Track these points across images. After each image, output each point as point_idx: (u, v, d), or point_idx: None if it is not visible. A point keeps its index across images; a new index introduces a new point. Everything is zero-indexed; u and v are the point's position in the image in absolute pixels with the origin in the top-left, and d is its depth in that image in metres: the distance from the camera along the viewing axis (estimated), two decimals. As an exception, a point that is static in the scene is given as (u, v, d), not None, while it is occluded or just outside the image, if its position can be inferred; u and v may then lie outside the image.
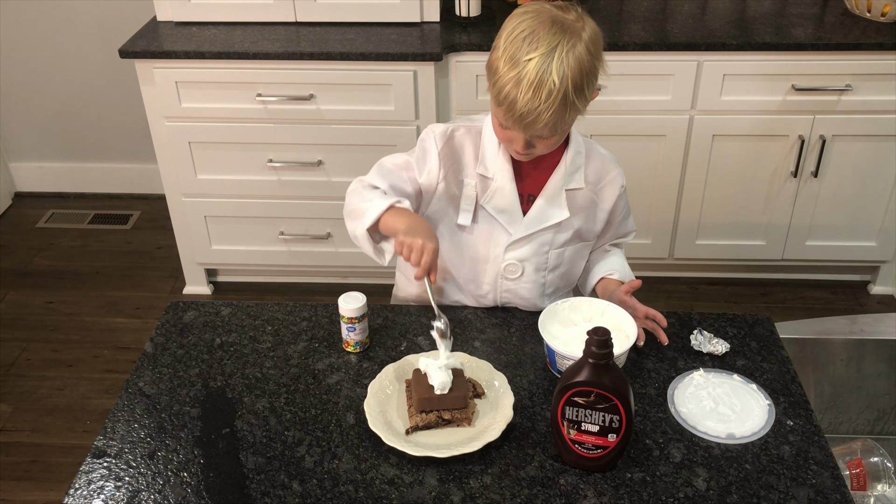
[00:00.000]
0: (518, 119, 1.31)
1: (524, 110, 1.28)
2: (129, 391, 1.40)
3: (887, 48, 2.45)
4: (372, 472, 1.23)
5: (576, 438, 1.21)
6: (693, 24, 2.63)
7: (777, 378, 1.40)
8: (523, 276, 1.55)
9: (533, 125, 1.31)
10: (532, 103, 1.27)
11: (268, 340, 1.50)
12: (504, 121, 1.34)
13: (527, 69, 1.27)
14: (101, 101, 3.38)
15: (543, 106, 1.27)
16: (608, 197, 1.55)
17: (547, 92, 1.27)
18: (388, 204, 1.41)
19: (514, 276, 1.55)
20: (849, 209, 2.76)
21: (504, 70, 1.29)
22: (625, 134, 2.60)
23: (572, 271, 1.61)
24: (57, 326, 2.84)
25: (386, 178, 1.50)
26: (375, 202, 1.41)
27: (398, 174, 1.52)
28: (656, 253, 2.88)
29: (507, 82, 1.28)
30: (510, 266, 1.54)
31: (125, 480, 1.23)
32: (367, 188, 1.48)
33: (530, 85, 1.26)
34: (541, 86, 1.26)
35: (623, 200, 1.58)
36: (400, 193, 1.48)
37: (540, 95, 1.27)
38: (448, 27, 2.62)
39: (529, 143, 1.38)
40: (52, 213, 3.48)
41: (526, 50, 1.27)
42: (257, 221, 2.80)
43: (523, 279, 1.56)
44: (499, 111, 1.34)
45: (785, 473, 1.22)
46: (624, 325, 1.41)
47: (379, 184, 1.48)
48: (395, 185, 1.50)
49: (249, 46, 2.50)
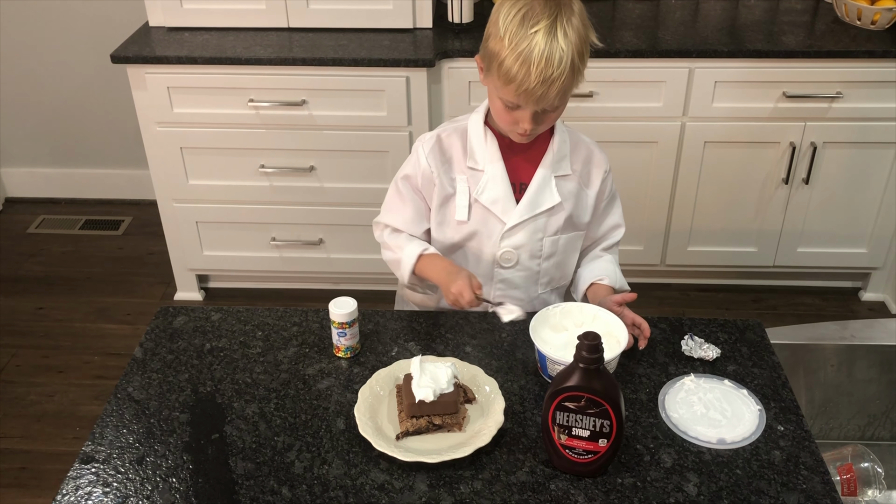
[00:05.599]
0: (531, 92, 1.34)
1: (538, 81, 1.33)
2: (118, 396, 1.39)
3: (877, 56, 2.47)
4: (362, 477, 1.22)
5: (566, 443, 1.20)
6: (685, 31, 2.64)
7: (768, 383, 1.40)
8: (518, 264, 1.58)
9: (546, 96, 1.35)
10: (546, 72, 1.32)
11: (258, 345, 1.49)
12: (514, 99, 1.37)
13: (535, 41, 1.32)
14: (93, 106, 3.38)
15: (556, 73, 1.33)
16: (594, 181, 1.59)
17: (558, 59, 1.32)
18: (417, 255, 1.55)
19: (509, 265, 1.58)
20: (840, 216, 2.76)
21: (510, 49, 1.33)
22: (617, 140, 2.60)
23: (566, 261, 1.63)
24: (47, 332, 2.82)
25: (399, 214, 1.60)
26: (406, 251, 1.57)
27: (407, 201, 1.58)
28: (648, 259, 2.88)
29: (517, 58, 1.33)
30: (505, 254, 1.57)
31: (113, 486, 1.22)
32: (392, 234, 1.61)
33: (541, 55, 1.31)
34: (552, 54, 1.32)
35: (608, 184, 1.61)
36: (417, 220, 1.59)
37: (552, 64, 1.32)
38: (440, 33, 2.63)
39: (536, 120, 1.41)
40: (42, 219, 3.47)
41: (529, 25, 1.32)
42: (249, 227, 2.79)
43: (518, 267, 1.59)
44: (507, 90, 1.37)
45: (775, 479, 1.22)
46: (615, 331, 1.41)
47: (395, 223, 1.60)
48: (409, 218, 1.59)
49: (242, 52, 2.50)
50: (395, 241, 1.60)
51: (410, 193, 1.59)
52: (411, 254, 1.56)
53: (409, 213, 1.60)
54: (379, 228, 1.66)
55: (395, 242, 1.60)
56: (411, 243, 1.58)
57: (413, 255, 1.56)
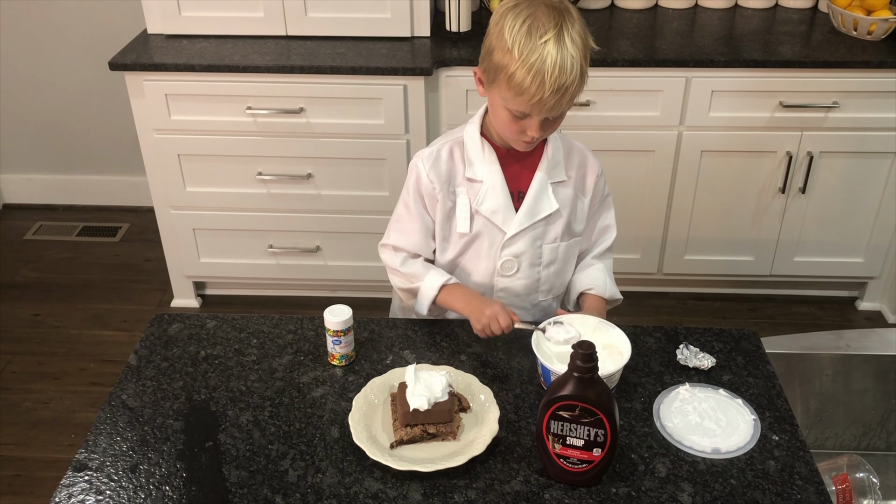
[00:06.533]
0: (544, 102, 1.35)
1: (552, 91, 1.34)
2: (112, 404, 1.39)
3: (874, 66, 2.47)
4: (356, 486, 1.22)
5: (561, 453, 1.20)
6: (682, 40, 2.64)
7: (763, 393, 1.40)
8: (518, 272, 1.59)
9: (558, 104, 1.37)
10: (560, 80, 1.33)
11: (253, 353, 1.49)
12: (527, 110, 1.38)
13: (546, 51, 1.33)
14: (91, 113, 3.38)
15: (570, 80, 1.34)
16: (589, 185, 1.59)
17: (570, 67, 1.34)
18: (440, 286, 1.55)
19: (510, 273, 1.59)
20: (836, 225, 2.77)
21: (520, 61, 1.34)
22: (614, 149, 2.61)
23: (566, 269, 1.64)
24: (43, 339, 2.82)
25: (409, 235, 1.58)
26: (426, 282, 1.56)
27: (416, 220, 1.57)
28: (645, 268, 2.88)
29: (529, 70, 1.33)
30: (506, 263, 1.57)
31: (106, 494, 1.21)
32: (406, 263, 1.58)
33: (554, 64, 1.33)
34: (564, 63, 1.33)
35: (600, 185, 1.62)
36: (426, 240, 1.58)
37: (566, 72, 1.33)
38: (438, 42, 2.63)
39: (544, 127, 1.42)
40: (40, 225, 3.46)
41: (538, 36, 1.33)
42: (246, 234, 2.79)
43: (518, 275, 1.59)
44: (518, 102, 1.37)
45: (770, 489, 1.22)
46: (617, 342, 1.40)
47: (407, 246, 1.58)
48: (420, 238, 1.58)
49: (240, 60, 2.50)
50: (410, 269, 1.58)
51: (419, 210, 1.57)
52: (432, 285, 1.55)
53: (417, 232, 1.58)
54: (388, 251, 1.62)
55: (411, 271, 1.58)
56: (429, 273, 1.57)
57: (434, 286, 1.55)
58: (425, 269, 1.58)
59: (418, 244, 1.59)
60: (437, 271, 1.58)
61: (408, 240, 1.59)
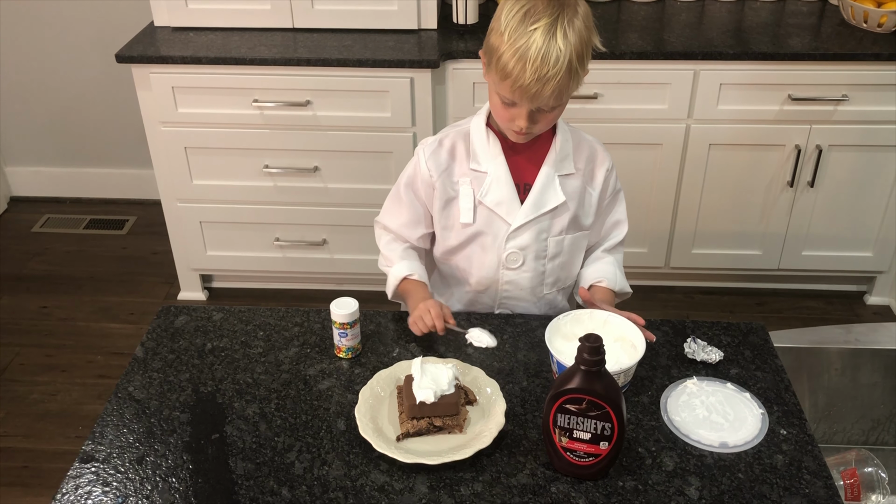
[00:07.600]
0: (525, 89, 1.34)
1: (533, 78, 1.32)
2: (118, 396, 1.39)
3: (884, 59, 2.46)
4: (362, 478, 1.22)
5: (567, 446, 1.20)
6: (690, 33, 2.63)
7: (771, 387, 1.40)
8: (524, 265, 1.58)
9: (540, 95, 1.35)
10: (541, 70, 1.32)
11: (259, 346, 1.49)
12: (510, 95, 1.37)
13: (533, 38, 1.32)
14: (98, 105, 3.38)
15: (552, 72, 1.32)
16: (598, 179, 1.58)
17: (554, 58, 1.32)
18: (401, 278, 1.59)
19: (515, 266, 1.58)
20: (845, 219, 2.75)
21: (508, 44, 1.33)
22: (621, 142, 2.59)
23: (572, 262, 1.63)
24: (51, 331, 2.82)
25: (395, 217, 1.63)
26: (393, 271, 1.61)
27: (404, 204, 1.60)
28: (652, 262, 2.87)
29: (514, 54, 1.33)
30: (511, 255, 1.56)
31: (113, 486, 1.22)
32: (388, 244, 1.65)
33: (538, 52, 1.31)
34: (548, 53, 1.31)
35: (611, 181, 1.60)
36: (413, 224, 1.61)
37: (548, 62, 1.32)
38: (445, 34, 2.62)
39: (532, 119, 1.40)
40: (47, 218, 3.47)
41: (529, 22, 1.32)
42: (253, 227, 2.79)
43: (524, 268, 1.58)
44: (503, 86, 1.37)
45: (778, 483, 1.22)
46: (629, 335, 1.39)
47: (392, 225, 1.64)
48: (405, 221, 1.62)
49: (246, 52, 2.50)
50: (389, 252, 1.64)
51: (409, 197, 1.60)
52: (397, 274, 1.60)
53: (404, 217, 1.62)
54: (378, 228, 1.70)
55: (389, 254, 1.64)
56: (401, 262, 1.61)
57: (398, 276, 1.60)
58: (400, 256, 1.62)
59: (401, 228, 1.63)
60: (407, 262, 1.61)
61: (395, 221, 1.64)
